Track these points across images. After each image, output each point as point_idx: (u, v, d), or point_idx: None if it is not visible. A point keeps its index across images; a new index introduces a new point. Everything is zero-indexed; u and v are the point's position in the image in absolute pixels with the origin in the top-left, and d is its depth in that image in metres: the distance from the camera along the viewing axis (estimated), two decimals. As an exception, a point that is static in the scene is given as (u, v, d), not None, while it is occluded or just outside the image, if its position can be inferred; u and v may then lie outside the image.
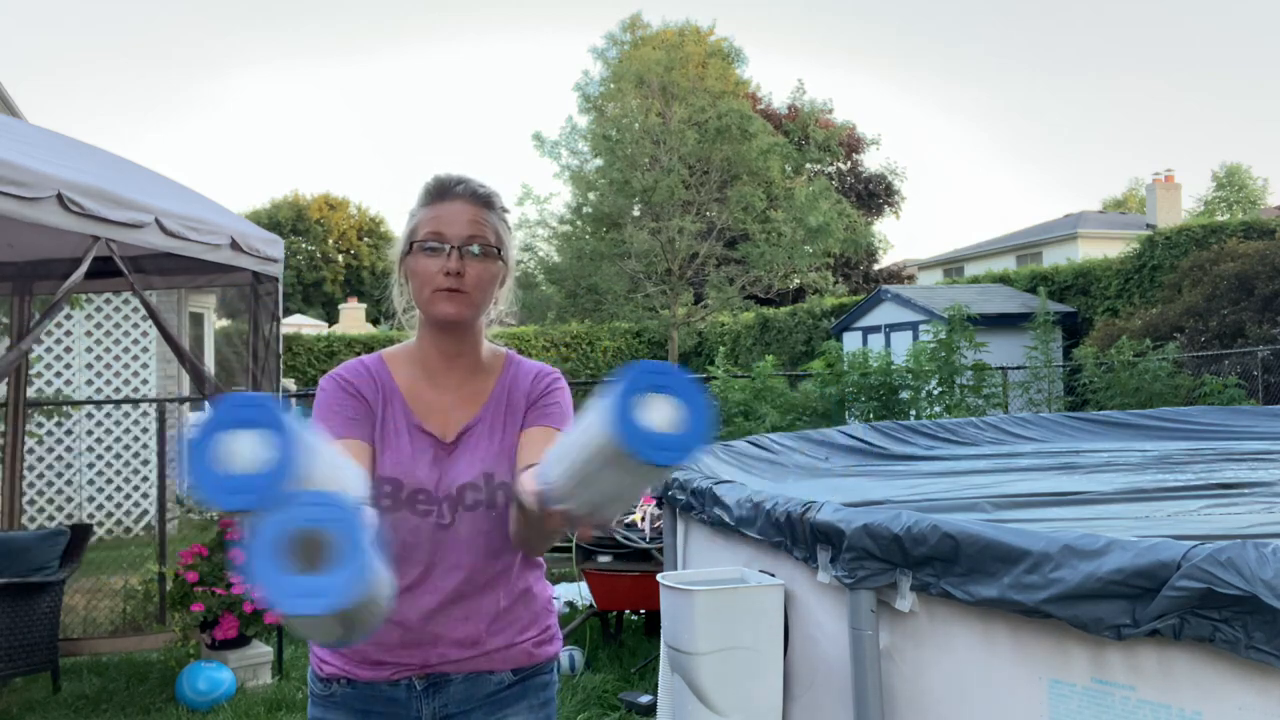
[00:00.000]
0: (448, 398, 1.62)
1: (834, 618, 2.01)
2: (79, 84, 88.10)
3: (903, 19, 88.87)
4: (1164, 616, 1.33)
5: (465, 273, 1.55)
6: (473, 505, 1.56)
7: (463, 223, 1.57)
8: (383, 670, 1.57)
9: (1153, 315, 13.83)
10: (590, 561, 4.96)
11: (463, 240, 1.56)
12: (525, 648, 1.63)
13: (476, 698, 1.60)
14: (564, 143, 22.80)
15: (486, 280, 1.60)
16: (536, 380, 1.69)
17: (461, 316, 1.57)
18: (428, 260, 1.55)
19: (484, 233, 1.59)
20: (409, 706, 1.58)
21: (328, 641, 1.13)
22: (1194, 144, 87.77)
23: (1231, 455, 3.92)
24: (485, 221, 1.60)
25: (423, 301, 1.58)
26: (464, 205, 1.59)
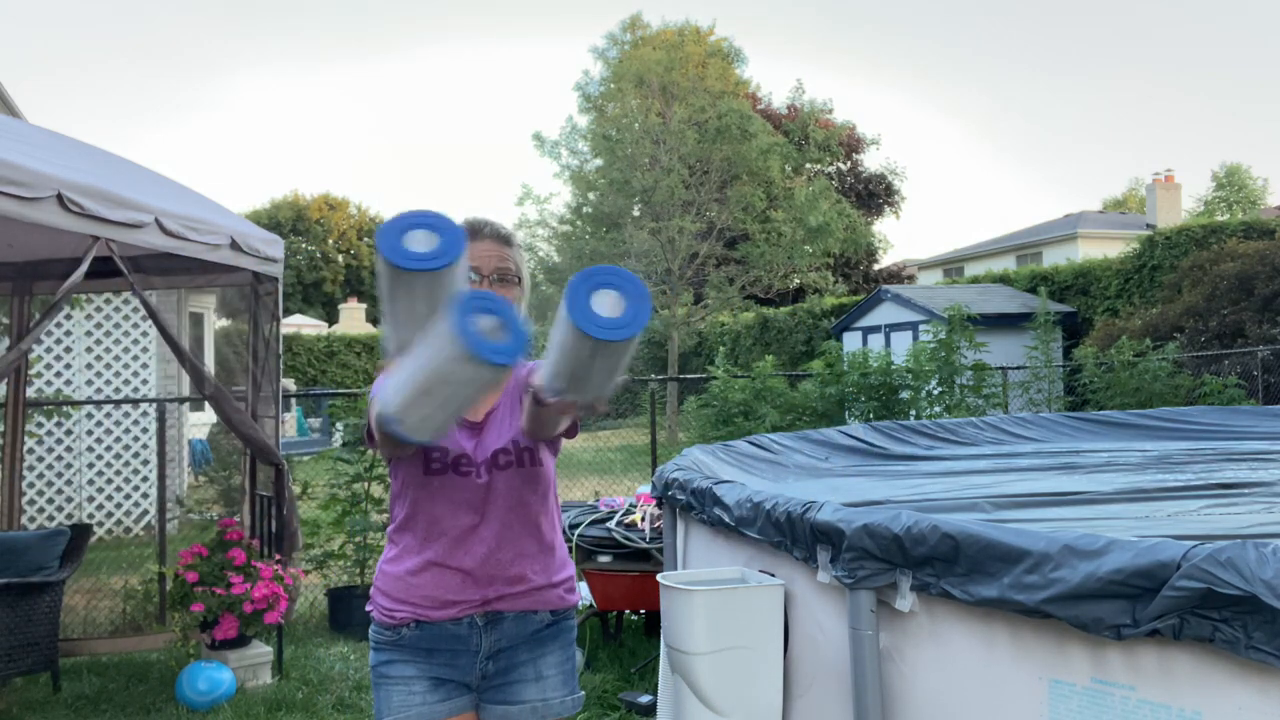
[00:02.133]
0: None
1: (834, 618, 2.01)
2: (79, 84, 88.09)
3: (903, 19, 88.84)
4: (1164, 616, 1.33)
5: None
6: (505, 465, 1.95)
7: (492, 257, 2.00)
8: (451, 609, 1.92)
9: (1153, 315, 13.84)
10: (590, 561, 4.96)
11: (493, 272, 1.99)
12: (559, 592, 2.01)
13: (523, 634, 1.98)
14: (564, 143, 22.81)
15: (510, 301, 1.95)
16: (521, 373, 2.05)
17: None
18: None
19: (508, 265, 2.02)
20: (469, 641, 1.94)
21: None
22: (1194, 144, 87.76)
23: (1231, 455, 3.92)
24: (508, 256, 2.03)
25: None
26: (491, 244, 2.01)
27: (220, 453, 11.30)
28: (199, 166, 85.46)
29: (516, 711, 1.96)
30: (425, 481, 1.92)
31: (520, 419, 2.00)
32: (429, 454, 1.91)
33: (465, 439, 1.96)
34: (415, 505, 1.93)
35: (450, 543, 1.93)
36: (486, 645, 1.94)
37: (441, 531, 1.93)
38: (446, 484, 1.91)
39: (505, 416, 2.03)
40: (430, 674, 1.92)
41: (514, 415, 2.02)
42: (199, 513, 8.12)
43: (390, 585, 1.95)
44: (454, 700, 1.94)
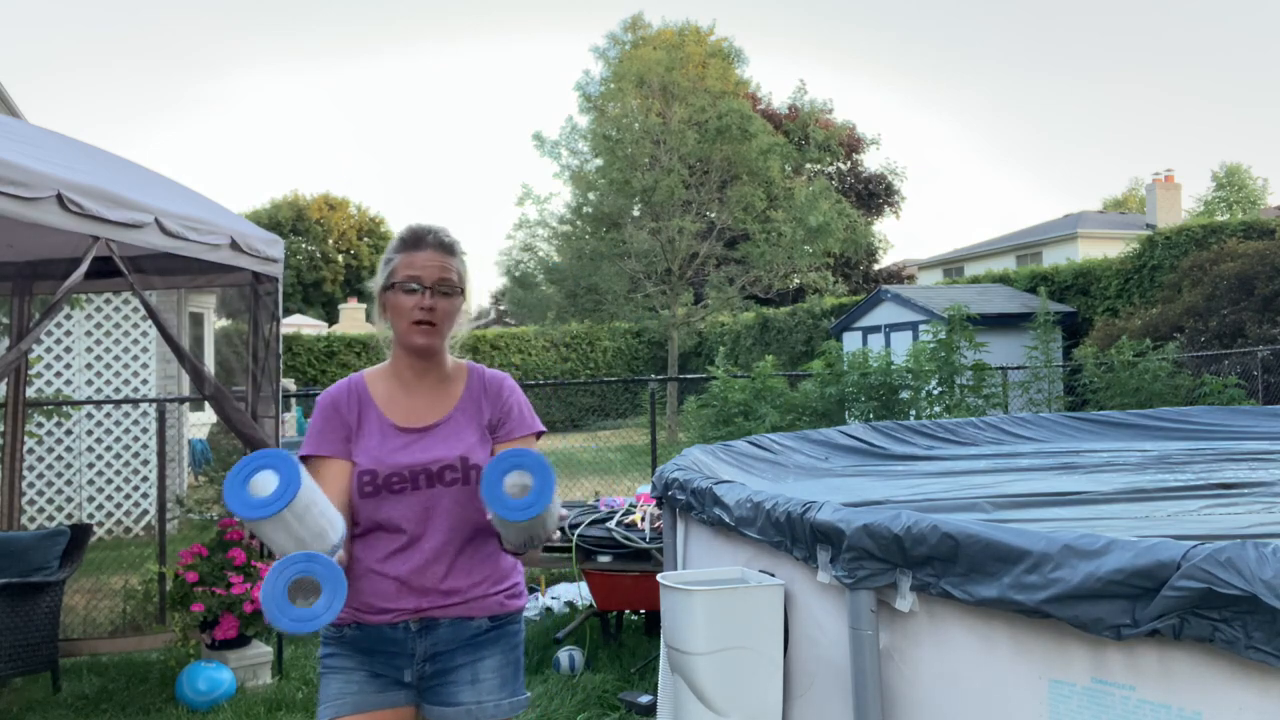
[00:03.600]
0: (421, 401, 2.03)
1: (834, 618, 2.01)
2: (79, 84, 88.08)
3: (903, 19, 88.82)
4: (1164, 616, 1.33)
5: (436, 308, 1.96)
6: (451, 482, 1.96)
7: (434, 268, 1.97)
8: (385, 615, 1.96)
9: (1153, 315, 13.83)
10: (590, 561, 4.96)
11: (435, 282, 1.97)
12: (499, 599, 2.03)
13: (459, 639, 1.99)
14: (564, 142, 22.78)
15: (452, 313, 2.01)
16: (493, 386, 2.11)
17: (432, 345, 1.99)
18: (406, 298, 1.96)
19: (450, 275, 1.99)
20: (405, 645, 1.98)
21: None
22: (1194, 144, 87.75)
23: (1231, 455, 3.92)
24: (451, 266, 2.00)
25: (400, 331, 1.99)
26: (434, 253, 1.99)
27: (220, 453, 11.30)
28: (199, 166, 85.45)
29: (453, 713, 1.99)
30: (362, 502, 1.94)
31: (474, 434, 2.02)
32: (360, 478, 1.93)
33: (401, 453, 1.96)
34: (357, 514, 1.95)
35: (387, 553, 1.95)
36: (421, 649, 1.97)
37: (379, 542, 1.95)
38: (384, 500, 1.93)
39: (458, 429, 2.02)
40: (369, 668, 1.97)
41: (468, 428, 2.02)
42: (199, 513, 8.11)
43: None
44: (390, 693, 1.98)
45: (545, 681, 4.57)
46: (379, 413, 2.00)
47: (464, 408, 2.05)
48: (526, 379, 24.44)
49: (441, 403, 2.05)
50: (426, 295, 1.95)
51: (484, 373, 2.13)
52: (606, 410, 23.57)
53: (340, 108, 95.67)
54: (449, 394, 2.06)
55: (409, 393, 2.03)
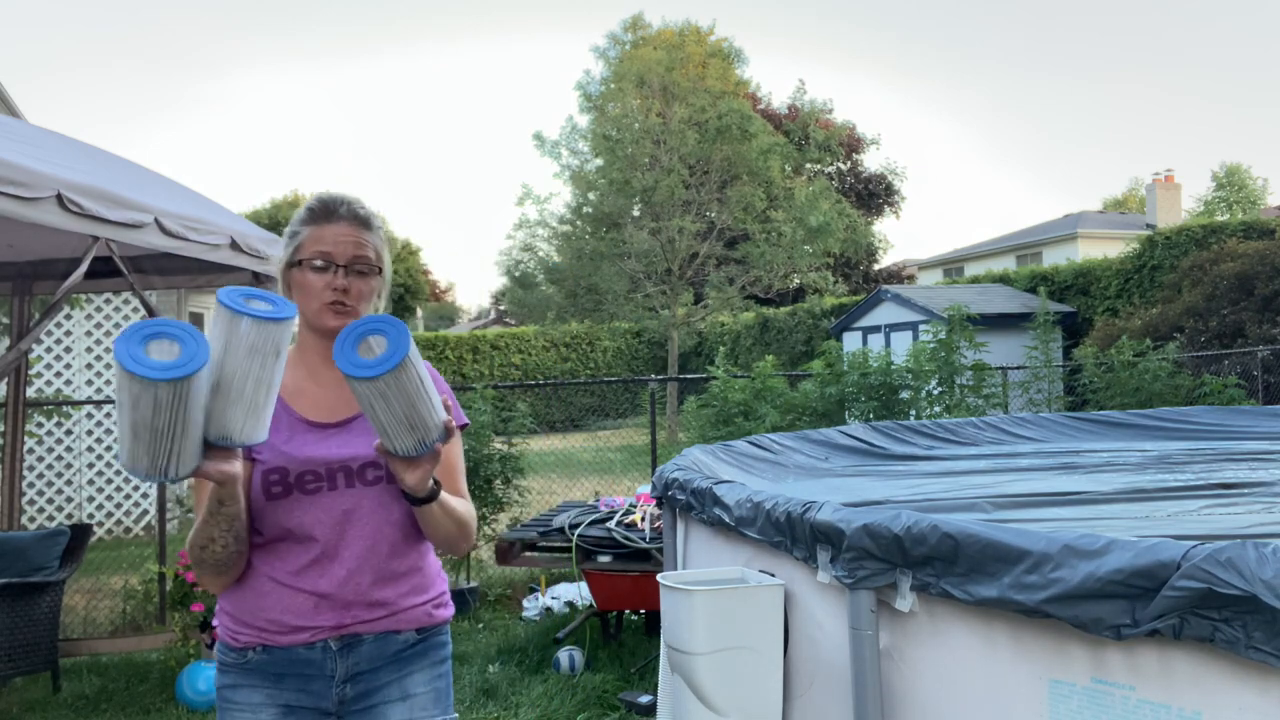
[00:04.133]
0: (334, 393, 1.80)
1: (834, 618, 2.00)
2: (79, 84, 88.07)
3: (903, 19, 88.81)
4: (1164, 616, 1.33)
5: (350, 289, 1.75)
6: (373, 481, 1.74)
7: (348, 244, 1.76)
8: (300, 635, 1.72)
9: (1153, 315, 13.83)
10: (590, 561, 4.96)
11: (348, 260, 1.75)
12: (426, 609, 1.82)
13: (384, 656, 1.78)
14: (564, 142, 22.79)
15: (367, 294, 1.79)
16: None
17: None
18: (315, 276, 1.75)
19: (366, 253, 1.78)
20: (323, 666, 1.74)
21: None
22: (1194, 144, 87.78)
23: (1231, 455, 3.92)
24: (367, 242, 1.79)
25: (310, 313, 1.77)
26: (347, 227, 1.77)
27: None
28: (199, 166, 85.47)
29: None
30: (269, 506, 1.70)
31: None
32: (266, 476, 1.68)
33: (312, 447, 1.72)
34: (262, 519, 1.70)
35: (302, 565, 1.71)
36: (342, 670, 1.74)
37: (290, 553, 1.71)
38: (295, 503, 1.70)
39: None
40: (280, 701, 1.73)
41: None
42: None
43: (234, 604, 1.74)
44: None
45: (545, 681, 4.57)
46: (284, 405, 1.75)
47: None
48: (526, 379, 24.46)
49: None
50: (339, 274, 1.74)
51: None
52: (606, 410, 23.57)
53: (340, 108, 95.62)
54: None
55: (319, 383, 1.80)
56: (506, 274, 22.95)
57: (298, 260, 1.77)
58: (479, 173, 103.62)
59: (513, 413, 7.15)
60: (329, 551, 1.71)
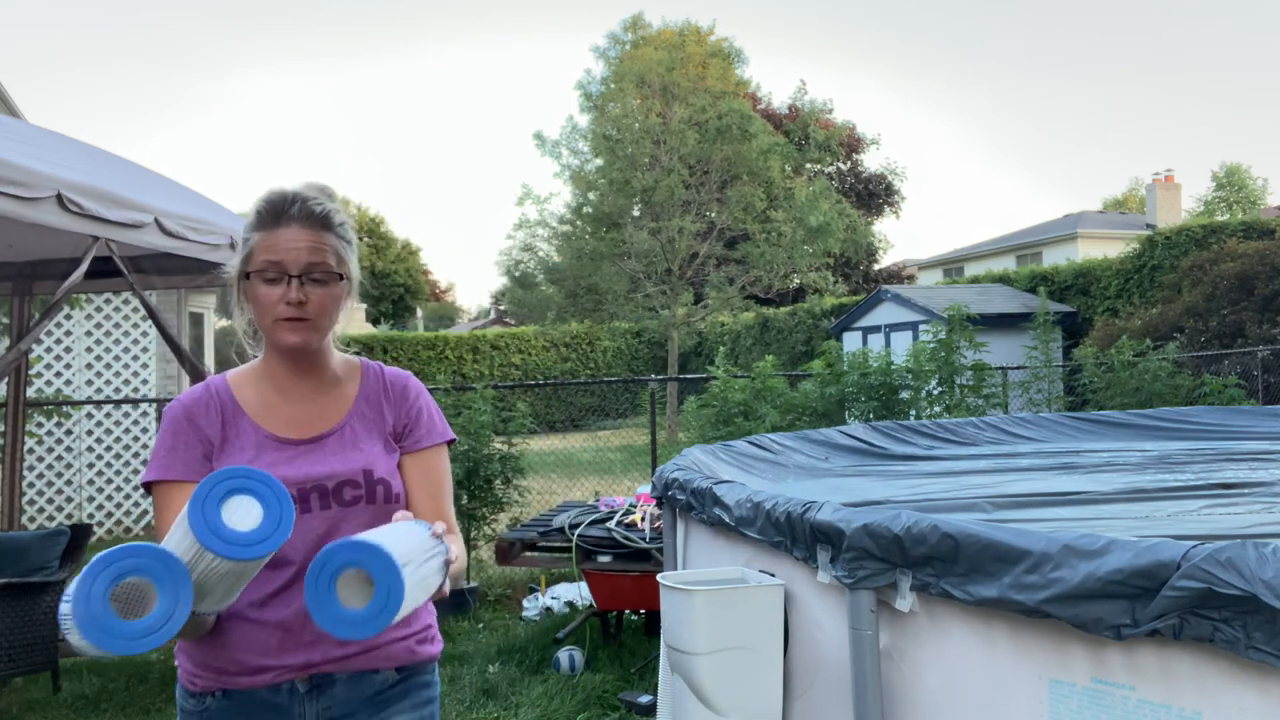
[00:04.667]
0: (304, 408, 1.65)
1: (834, 618, 2.00)
2: (79, 84, 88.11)
3: (903, 19, 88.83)
4: (1164, 616, 1.33)
5: (307, 301, 1.56)
6: (351, 501, 1.58)
7: (301, 250, 1.55)
8: (263, 676, 1.54)
9: (1153, 315, 13.83)
10: (590, 561, 4.96)
11: (302, 269, 1.55)
12: (408, 644, 1.63)
13: (360, 698, 1.59)
14: (565, 142, 22.79)
15: (330, 305, 1.60)
16: (396, 387, 1.73)
17: (307, 343, 1.60)
18: (267, 289, 1.56)
19: (324, 258, 1.58)
20: (290, 712, 1.56)
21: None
22: (1194, 144, 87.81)
23: (1231, 455, 3.92)
24: (325, 245, 1.58)
25: (266, 328, 1.59)
26: (300, 230, 1.56)
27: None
28: (199, 166, 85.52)
29: None
30: None
31: (376, 442, 1.65)
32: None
33: (283, 464, 1.57)
34: None
35: (266, 594, 1.54)
36: (312, 715, 1.57)
37: (256, 581, 1.52)
38: None
39: (355, 438, 1.65)
40: None
41: (368, 437, 1.65)
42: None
43: (191, 644, 1.57)
44: None
45: (545, 681, 4.57)
46: (252, 423, 1.61)
47: (360, 413, 1.68)
48: (526, 379, 24.45)
49: (331, 408, 1.66)
50: (293, 286, 1.54)
51: (383, 371, 1.76)
52: (606, 410, 23.57)
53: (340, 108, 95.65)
54: (339, 398, 1.68)
55: (287, 398, 1.65)
56: (506, 274, 22.95)
57: (247, 272, 1.60)
58: (479, 173, 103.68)
59: (513, 413, 7.15)
60: (298, 579, 1.52)
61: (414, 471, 1.68)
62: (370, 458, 1.62)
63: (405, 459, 1.68)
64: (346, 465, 1.60)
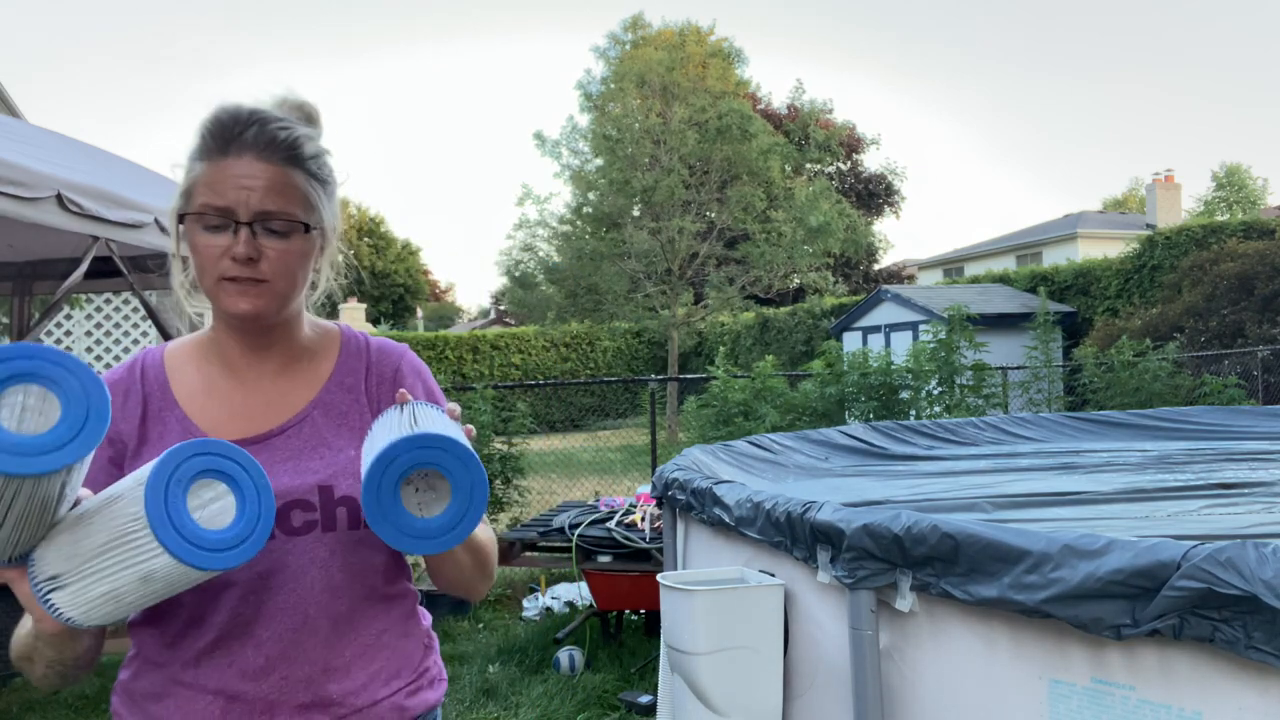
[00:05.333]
0: (258, 397, 1.27)
1: (834, 618, 2.01)
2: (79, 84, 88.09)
3: (903, 19, 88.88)
4: (1164, 616, 1.33)
5: (263, 256, 1.18)
6: (302, 528, 1.19)
7: (256, 190, 1.17)
8: None
9: (1153, 315, 13.84)
10: (590, 561, 4.96)
11: (255, 215, 1.17)
12: (394, 701, 1.26)
13: None
14: (565, 142, 22.80)
15: (294, 263, 1.21)
16: (386, 364, 1.34)
17: (261, 313, 1.20)
18: (208, 239, 1.18)
19: (287, 205, 1.19)
20: None
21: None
22: (1194, 144, 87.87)
23: (1231, 455, 3.92)
24: (289, 185, 1.20)
25: (207, 290, 1.21)
26: (256, 163, 1.18)
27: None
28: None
29: None
30: None
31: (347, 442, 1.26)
32: None
33: None
34: None
35: (198, 650, 1.17)
36: None
37: (186, 632, 1.18)
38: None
39: (313, 441, 1.24)
40: None
41: (338, 437, 1.25)
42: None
43: (127, 708, 1.22)
44: None
45: (545, 681, 4.58)
46: (181, 417, 1.22)
47: (329, 401, 1.28)
48: (526, 379, 24.46)
49: (291, 395, 1.27)
50: (242, 237, 1.16)
51: (368, 344, 1.36)
52: (606, 410, 23.57)
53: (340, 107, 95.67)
54: (306, 380, 1.29)
55: (241, 382, 1.26)
56: (506, 274, 22.96)
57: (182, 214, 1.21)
58: (479, 173, 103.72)
59: (513, 413, 7.15)
60: (237, 629, 1.17)
61: None
62: (333, 467, 1.22)
63: None
64: (296, 479, 1.19)
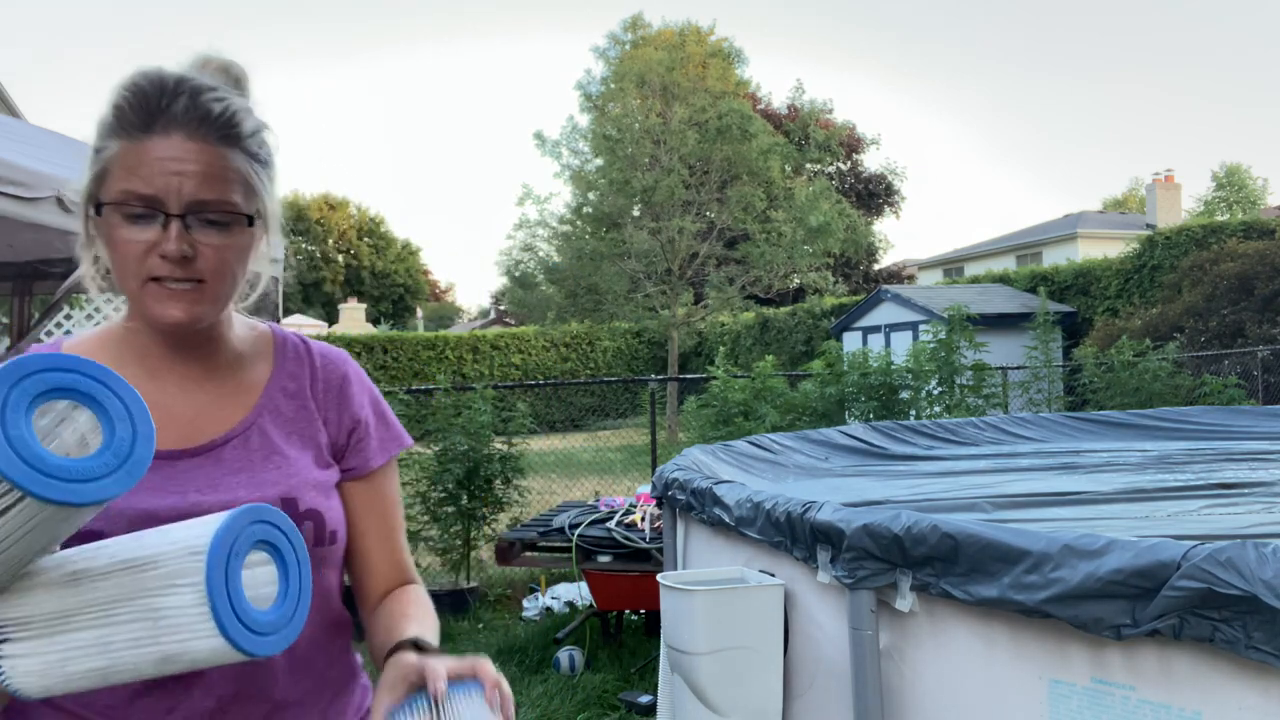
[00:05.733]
0: (186, 404, 1.10)
1: (834, 618, 2.01)
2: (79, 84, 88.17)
3: (903, 19, 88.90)
4: (1164, 616, 1.33)
5: (198, 253, 1.01)
6: None
7: (189, 175, 0.99)
8: None
9: (1153, 315, 13.84)
10: (590, 561, 4.96)
11: (189, 206, 0.99)
12: None
13: None
14: (565, 142, 22.81)
15: (233, 260, 1.05)
16: (332, 373, 1.20)
17: (195, 319, 1.04)
18: (132, 232, 1.00)
19: (226, 192, 1.01)
20: None
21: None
22: (1194, 144, 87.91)
23: (1231, 455, 3.92)
24: (228, 169, 1.02)
25: (131, 291, 1.04)
26: (187, 142, 0.99)
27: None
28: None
29: None
30: None
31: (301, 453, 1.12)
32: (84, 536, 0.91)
33: (153, 489, 1.01)
34: None
35: (136, 690, 1.00)
36: None
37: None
38: None
39: (270, 446, 1.11)
40: None
41: (291, 447, 1.12)
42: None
43: None
44: None
45: (545, 681, 4.58)
46: None
47: (275, 408, 1.14)
48: (526, 379, 24.46)
49: (228, 400, 1.12)
50: (174, 231, 0.98)
51: (309, 349, 1.22)
52: (606, 410, 23.57)
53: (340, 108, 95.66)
54: (240, 384, 1.14)
55: (159, 384, 1.09)
56: (506, 274, 22.96)
57: (101, 203, 1.02)
58: (479, 173, 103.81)
59: (513, 413, 7.14)
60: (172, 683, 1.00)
61: (362, 503, 1.18)
62: (292, 478, 1.09)
63: (349, 485, 1.17)
64: (255, 491, 1.06)
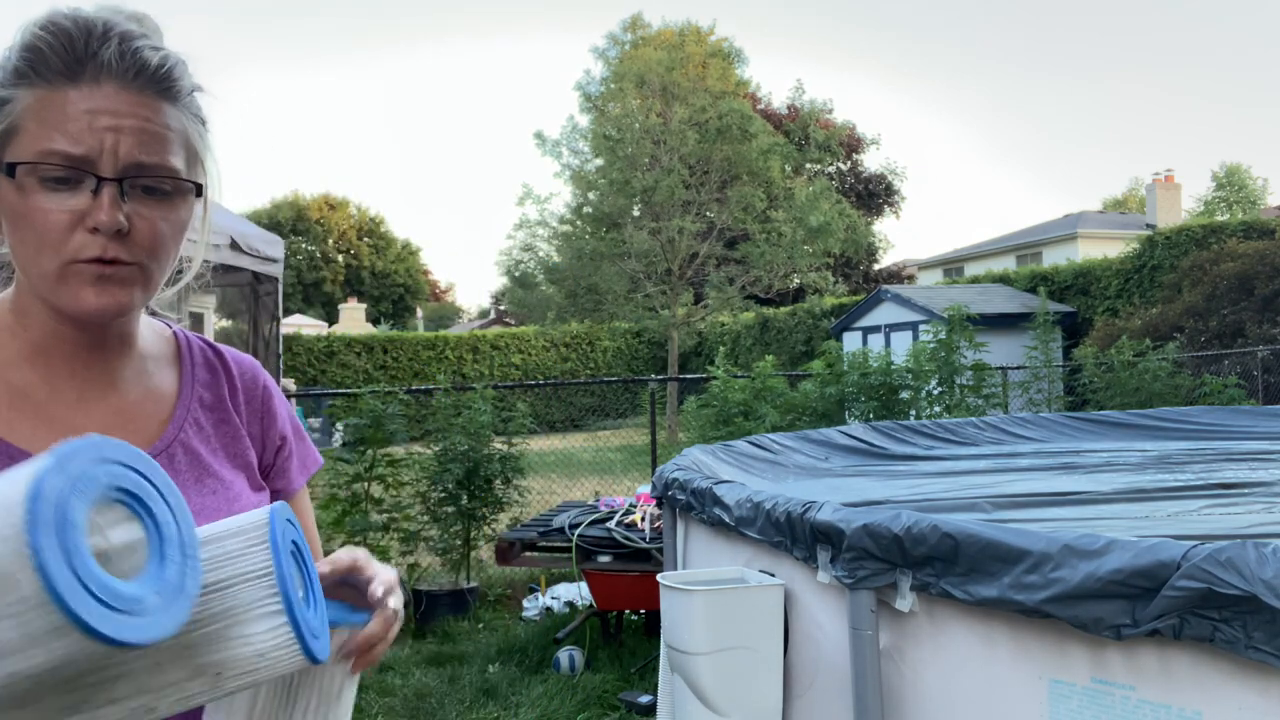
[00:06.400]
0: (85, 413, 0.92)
1: (834, 618, 2.00)
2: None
3: (903, 19, 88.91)
4: (1164, 616, 1.33)
5: (133, 229, 0.85)
6: None
7: (126, 132, 0.83)
8: None
9: (1153, 315, 13.84)
10: (590, 561, 4.96)
11: (126, 169, 0.83)
12: None
13: None
14: (565, 142, 22.81)
15: (170, 238, 0.90)
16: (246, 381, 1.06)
17: (123, 310, 0.89)
18: (51, 199, 0.83)
19: (166, 154, 0.86)
20: None
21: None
22: (1194, 144, 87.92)
23: (1231, 455, 3.92)
24: (169, 128, 0.87)
25: (45, 272, 0.85)
26: (121, 93, 0.83)
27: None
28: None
29: None
30: None
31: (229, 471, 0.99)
32: None
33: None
34: None
35: None
36: None
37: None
38: None
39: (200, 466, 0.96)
40: None
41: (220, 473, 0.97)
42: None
43: None
44: None
45: (545, 681, 4.57)
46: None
47: (198, 419, 0.99)
48: (526, 379, 24.46)
49: (136, 410, 0.96)
50: (106, 197, 0.82)
51: (223, 353, 1.09)
52: (606, 410, 23.57)
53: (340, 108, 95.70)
54: (148, 392, 0.98)
55: (53, 389, 0.91)
56: (506, 274, 22.96)
57: (11, 164, 0.83)
58: (479, 173, 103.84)
59: (513, 413, 7.14)
60: None
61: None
62: (232, 504, 0.95)
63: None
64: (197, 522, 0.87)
